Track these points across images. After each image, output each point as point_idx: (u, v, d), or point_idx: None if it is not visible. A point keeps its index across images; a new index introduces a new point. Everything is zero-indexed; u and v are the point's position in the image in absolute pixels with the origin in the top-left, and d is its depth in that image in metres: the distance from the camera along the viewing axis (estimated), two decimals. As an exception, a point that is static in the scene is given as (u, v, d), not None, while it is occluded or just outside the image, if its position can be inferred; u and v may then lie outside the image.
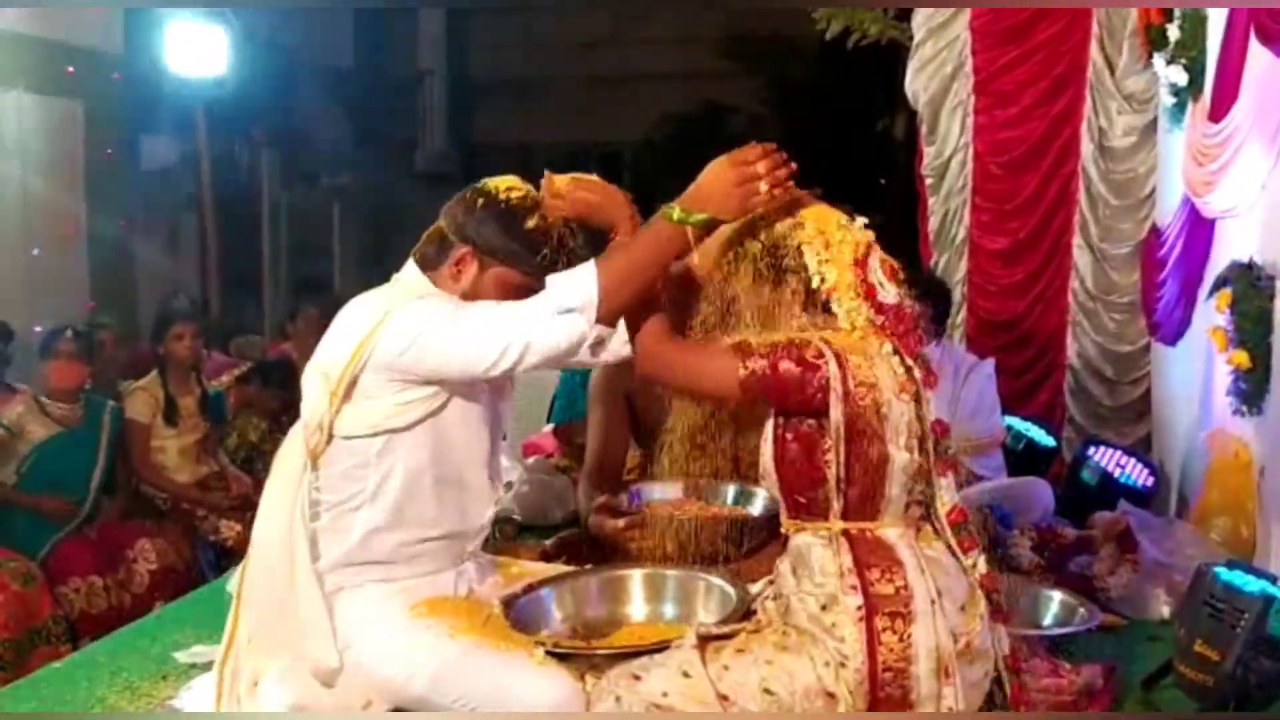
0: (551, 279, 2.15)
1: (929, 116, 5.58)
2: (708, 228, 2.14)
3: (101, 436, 4.69)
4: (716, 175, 2.13)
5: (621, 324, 2.16)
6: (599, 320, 2.10)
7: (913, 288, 3.50)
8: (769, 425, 2.21)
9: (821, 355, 2.09)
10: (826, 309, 2.19)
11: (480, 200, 2.28)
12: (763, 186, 2.12)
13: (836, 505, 2.13)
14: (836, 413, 2.08)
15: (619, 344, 2.18)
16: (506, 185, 2.30)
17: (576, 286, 2.10)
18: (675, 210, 2.12)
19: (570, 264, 2.22)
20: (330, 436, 2.24)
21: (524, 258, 2.27)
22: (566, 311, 2.10)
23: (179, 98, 8.08)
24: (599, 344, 2.14)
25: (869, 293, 2.18)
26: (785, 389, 2.10)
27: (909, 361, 2.17)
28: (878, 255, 2.22)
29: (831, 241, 2.18)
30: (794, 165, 2.17)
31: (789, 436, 2.17)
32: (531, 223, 2.27)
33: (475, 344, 2.15)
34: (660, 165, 16.59)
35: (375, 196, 12.73)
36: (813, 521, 2.17)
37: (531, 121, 16.14)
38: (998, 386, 4.14)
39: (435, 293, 2.28)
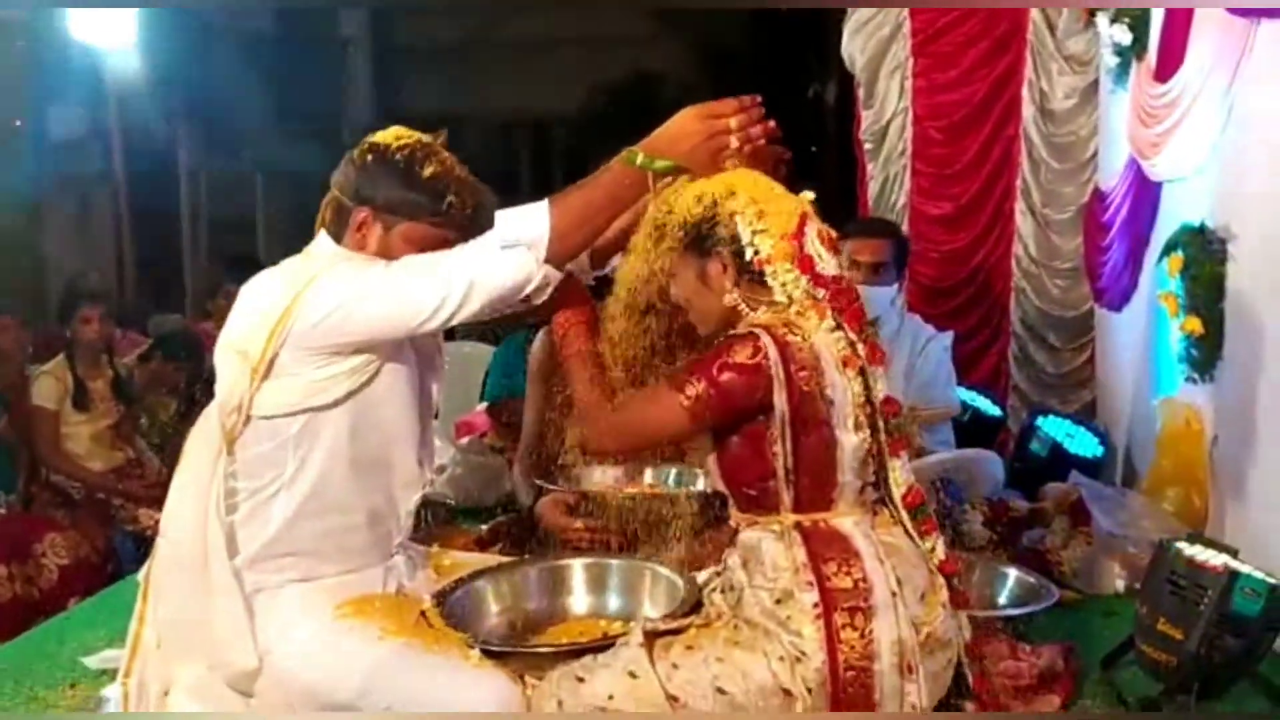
0: (501, 214, 2.03)
1: (866, 80, 5.49)
2: (671, 175, 2.05)
3: None
4: (684, 126, 2.05)
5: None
6: (548, 260, 2.01)
7: (871, 228, 3.37)
8: None
9: (760, 350, 1.95)
10: (760, 281, 2.05)
11: (370, 156, 2.14)
12: (733, 142, 2.04)
13: (787, 498, 2.01)
14: (780, 402, 1.96)
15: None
16: (395, 135, 2.17)
17: (527, 221, 2.01)
18: (639, 155, 2.03)
19: (478, 210, 2.14)
20: (248, 417, 2.08)
21: (428, 208, 2.13)
22: (514, 246, 2.00)
23: (88, 66, 7.73)
24: (544, 287, 2.04)
25: (807, 265, 2.04)
26: (734, 403, 1.97)
27: (852, 336, 2.04)
28: (815, 225, 2.07)
29: (766, 211, 2.03)
30: (771, 124, 2.08)
31: (732, 433, 2.04)
32: (429, 170, 2.12)
33: (412, 291, 2.02)
34: (589, 132, 16.45)
35: (299, 169, 12.40)
36: (763, 515, 2.05)
37: (459, 90, 15.86)
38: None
39: (356, 256, 2.14)
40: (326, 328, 2.02)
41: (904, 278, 3.82)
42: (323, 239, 2.20)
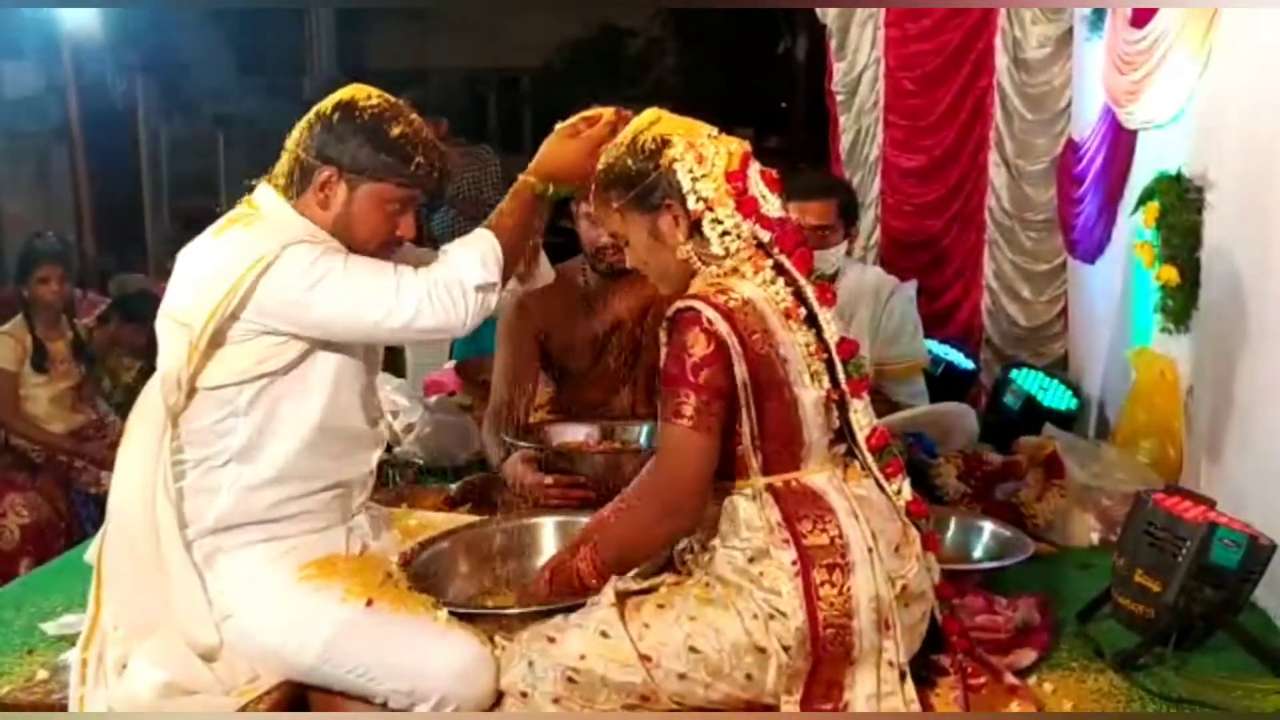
0: (454, 250, 2.11)
1: (838, 30, 5.42)
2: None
3: None
4: (564, 149, 2.19)
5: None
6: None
7: (814, 189, 3.32)
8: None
9: (711, 331, 1.90)
10: (702, 234, 2.00)
11: (337, 115, 2.07)
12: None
13: (755, 462, 1.97)
14: (741, 371, 1.91)
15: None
16: (363, 94, 2.10)
17: (487, 261, 2.08)
18: (547, 186, 2.19)
19: (445, 170, 2.12)
20: (192, 390, 2.02)
21: (396, 168, 2.07)
22: (481, 286, 2.07)
23: (43, 20, 7.54)
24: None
25: (751, 206, 2.00)
26: (724, 389, 1.91)
27: (800, 281, 2.01)
28: (756, 166, 2.04)
29: (704, 155, 1.99)
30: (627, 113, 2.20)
31: None
32: (397, 130, 2.06)
33: (373, 300, 2.01)
34: (558, 86, 16.29)
35: (262, 126, 12.19)
36: (734, 480, 2.01)
37: (425, 45, 15.64)
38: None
39: (316, 235, 2.06)
40: (277, 314, 2.00)
41: (855, 231, 3.69)
42: (271, 198, 2.12)
